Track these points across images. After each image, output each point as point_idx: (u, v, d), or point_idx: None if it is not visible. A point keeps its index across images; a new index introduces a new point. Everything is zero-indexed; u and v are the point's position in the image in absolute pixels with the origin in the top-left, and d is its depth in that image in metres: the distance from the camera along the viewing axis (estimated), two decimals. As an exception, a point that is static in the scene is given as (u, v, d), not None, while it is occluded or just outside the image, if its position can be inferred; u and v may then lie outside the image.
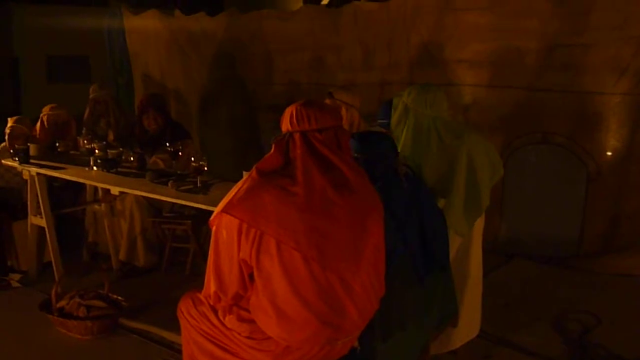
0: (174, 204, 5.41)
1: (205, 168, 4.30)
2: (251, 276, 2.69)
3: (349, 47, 6.55)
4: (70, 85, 13.87)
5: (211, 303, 2.91)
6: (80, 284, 5.15)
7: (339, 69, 6.64)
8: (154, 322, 4.58)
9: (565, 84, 5.62)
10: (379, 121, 4.52)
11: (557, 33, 5.58)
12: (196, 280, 5.33)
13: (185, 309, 3.08)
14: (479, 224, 3.93)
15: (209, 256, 2.80)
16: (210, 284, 2.79)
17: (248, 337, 2.81)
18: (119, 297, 4.62)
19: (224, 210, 2.64)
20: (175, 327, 4.33)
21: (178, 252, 5.71)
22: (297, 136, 2.70)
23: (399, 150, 3.49)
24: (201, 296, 3.02)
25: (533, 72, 5.74)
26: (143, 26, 7.67)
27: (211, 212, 5.01)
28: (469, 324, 3.95)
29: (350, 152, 2.83)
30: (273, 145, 2.74)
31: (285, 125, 2.75)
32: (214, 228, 2.79)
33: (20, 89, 14.16)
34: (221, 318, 2.91)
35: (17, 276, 5.52)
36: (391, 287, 2.95)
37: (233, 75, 7.28)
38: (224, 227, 2.69)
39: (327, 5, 6.88)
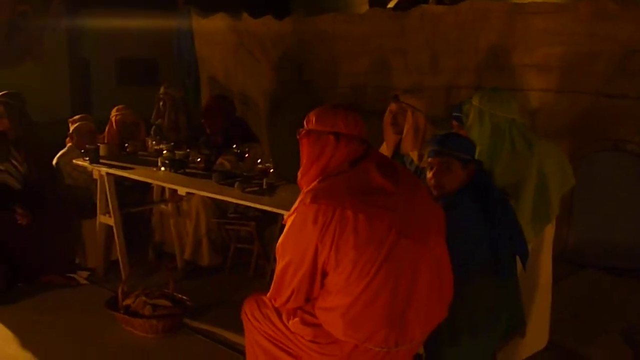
0: (238, 205, 5.46)
1: (271, 170, 4.31)
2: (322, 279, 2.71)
3: (416, 50, 6.49)
4: (139, 87, 14.11)
5: (276, 305, 2.91)
6: (145, 282, 5.22)
7: (405, 73, 6.58)
8: (218, 323, 4.62)
9: (638, 90, 5.46)
10: (454, 115, 4.49)
11: (630, 37, 5.42)
12: (259, 281, 5.44)
13: (249, 311, 3.10)
14: (549, 232, 3.87)
15: (278, 259, 2.81)
16: (281, 286, 2.81)
17: (312, 341, 2.81)
18: (184, 297, 4.67)
19: (305, 200, 2.68)
20: (238, 329, 4.35)
21: (242, 253, 5.73)
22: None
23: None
24: (265, 298, 3.03)
25: (604, 77, 5.58)
26: (211, 29, 7.75)
27: (275, 214, 5.10)
28: (537, 334, 3.89)
29: None
30: None
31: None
32: (284, 232, 2.80)
33: (90, 91, 14.45)
34: (285, 321, 2.91)
35: (84, 274, 5.63)
36: (461, 292, 2.91)
37: (300, 79, 7.29)
38: (296, 226, 2.69)
39: (394, 9, 6.80)
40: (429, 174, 3.30)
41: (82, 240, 5.71)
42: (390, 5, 7.95)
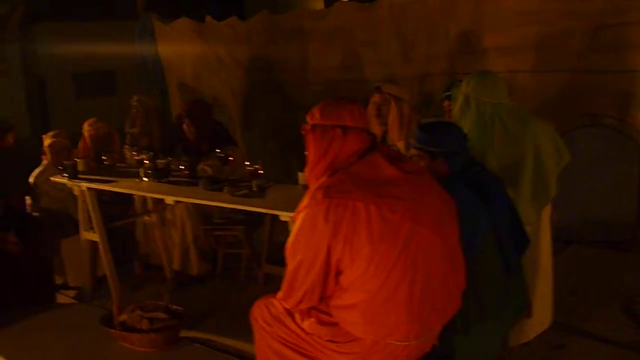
0: (223, 210, 5.39)
1: (261, 171, 4.25)
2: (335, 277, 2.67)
3: (386, 41, 6.47)
4: (98, 99, 14.02)
5: (288, 307, 2.86)
6: (135, 297, 5.14)
7: (377, 64, 6.56)
8: (216, 331, 4.56)
9: (611, 64, 5.49)
10: (446, 94, 4.47)
11: (600, 12, 5.46)
12: (251, 285, 5.38)
13: (259, 316, 3.04)
14: (546, 212, 3.87)
15: (288, 259, 2.76)
16: (293, 287, 2.76)
17: (330, 341, 2.77)
18: (179, 308, 4.58)
19: (316, 195, 2.62)
20: (238, 335, 4.35)
21: (230, 258, 5.67)
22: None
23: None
24: (275, 301, 2.98)
25: (578, 54, 5.62)
26: (175, 34, 7.66)
27: (261, 216, 5.04)
28: (542, 314, 3.89)
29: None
30: None
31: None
32: (293, 230, 2.74)
33: (47, 108, 14.29)
34: (299, 322, 2.86)
35: (71, 293, 5.51)
36: (473, 278, 2.89)
37: (270, 78, 7.24)
38: (307, 224, 2.64)
39: (361, 0, 6.77)
40: None
41: (61, 259, 5.59)
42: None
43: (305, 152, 2.82)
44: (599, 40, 5.48)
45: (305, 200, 2.69)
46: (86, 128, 6.08)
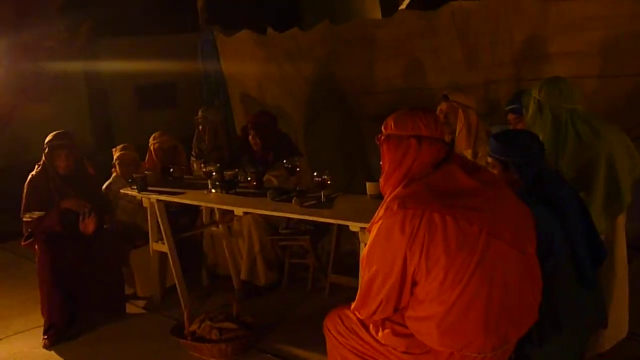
0: (289, 220, 5.42)
1: (329, 182, 4.25)
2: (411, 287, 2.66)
3: (449, 48, 6.42)
4: (159, 111, 14.28)
5: (362, 317, 2.86)
6: (203, 307, 5.20)
7: (440, 72, 6.52)
8: (284, 341, 4.60)
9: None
10: (510, 107, 4.41)
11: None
12: (318, 295, 5.39)
13: (332, 326, 3.05)
14: (621, 221, 3.79)
15: (363, 269, 2.76)
16: (368, 297, 2.75)
17: (405, 352, 2.76)
18: (248, 318, 4.62)
19: (391, 206, 2.63)
20: (305, 344, 4.39)
21: (296, 268, 5.70)
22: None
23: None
24: (349, 312, 2.98)
25: (646, 58, 5.50)
26: (238, 46, 7.71)
27: (327, 226, 5.05)
28: (617, 324, 3.80)
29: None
30: None
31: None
32: (369, 241, 2.74)
33: (111, 120, 14.59)
34: (373, 333, 2.86)
35: (141, 303, 5.61)
36: (549, 291, 2.85)
37: (333, 88, 7.25)
38: (383, 234, 2.64)
39: (424, 8, 6.74)
40: None
41: (131, 270, 5.69)
42: (402, 7, 7.89)
43: (380, 162, 2.82)
44: (669, 43, 5.36)
45: (380, 211, 2.70)
46: (152, 142, 6.18)
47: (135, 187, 5.23)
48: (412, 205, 2.56)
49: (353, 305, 2.88)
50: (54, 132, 5.24)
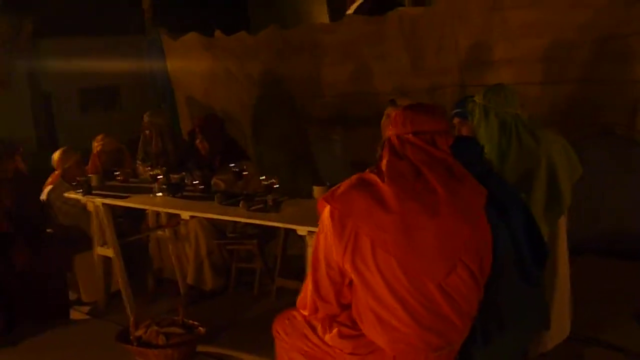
0: (236, 224, 5.41)
1: (276, 186, 4.26)
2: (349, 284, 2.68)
3: (395, 53, 6.49)
4: (102, 114, 14.10)
5: (306, 313, 2.88)
6: (149, 312, 5.15)
7: (387, 77, 6.57)
8: (231, 345, 4.59)
9: (621, 73, 5.50)
10: (455, 111, 4.47)
11: (608, 23, 5.47)
12: (265, 299, 5.38)
13: (281, 329, 3.06)
14: (563, 224, 3.88)
15: (309, 266, 2.79)
16: (308, 293, 2.80)
17: (351, 354, 2.77)
18: (195, 322, 4.59)
19: (324, 198, 2.66)
20: (253, 349, 4.38)
21: (243, 273, 5.68)
22: (393, 139, 2.71)
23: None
24: (297, 314, 2.99)
25: (587, 65, 5.62)
26: (184, 49, 7.69)
27: (275, 230, 5.06)
28: (559, 325, 3.87)
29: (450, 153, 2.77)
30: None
31: (387, 131, 2.77)
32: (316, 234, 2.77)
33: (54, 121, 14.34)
34: (321, 335, 2.87)
35: (85, 308, 5.53)
36: (492, 291, 2.89)
37: (280, 92, 7.25)
38: (326, 225, 2.66)
39: (371, 13, 6.78)
40: None
41: (74, 275, 5.60)
42: (350, 12, 7.92)
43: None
44: (608, 50, 5.48)
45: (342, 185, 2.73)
46: (95, 144, 6.11)
47: (80, 191, 5.15)
48: (349, 218, 2.58)
49: (298, 300, 2.93)
50: None
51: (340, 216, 2.58)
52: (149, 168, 5.16)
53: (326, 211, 2.66)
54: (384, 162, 2.67)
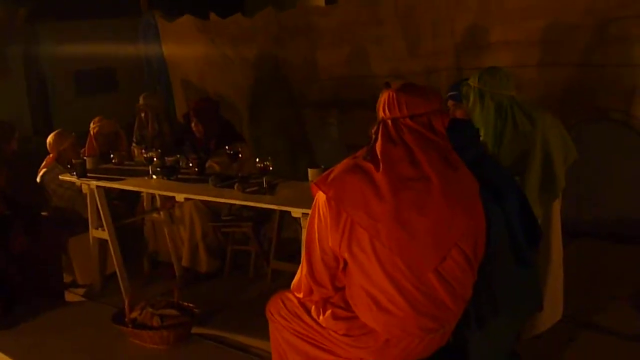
0: (232, 206, 5.40)
1: (271, 168, 4.25)
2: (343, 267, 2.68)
3: (391, 36, 6.47)
4: (99, 97, 14.00)
5: (301, 296, 2.88)
6: (144, 294, 5.15)
7: (383, 60, 6.56)
8: (226, 327, 4.60)
9: (619, 58, 5.49)
10: (450, 94, 4.45)
11: (607, 6, 5.45)
12: (260, 282, 5.39)
13: (275, 310, 3.05)
14: (557, 207, 3.89)
15: (303, 246, 2.78)
16: (302, 277, 2.79)
17: (345, 335, 2.77)
18: (190, 304, 4.59)
19: (316, 183, 2.63)
20: (248, 331, 4.38)
21: (239, 255, 5.68)
22: (388, 123, 2.66)
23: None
24: (291, 295, 2.99)
25: (584, 48, 5.60)
26: (179, 32, 7.65)
27: (270, 213, 5.06)
28: (552, 307, 3.89)
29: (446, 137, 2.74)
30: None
31: (379, 113, 2.72)
32: (309, 216, 2.76)
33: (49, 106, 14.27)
34: (315, 316, 2.87)
35: (80, 291, 5.53)
36: (486, 273, 2.89)
37: (276, 75, 7.24)
38: (320, 210, 2.65)
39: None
40: None
41: (69, 257, 5.60)
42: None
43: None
44: (606, 34, 5.47)
45: (336, 169, 2.72)
46: (92, 126, 6.08)
47: (75, 173, 5.14)
48: (342, 206, 2.57)
49: (292, 283, 2.92)
50: None
51: (336, 204, 2.56)
52: (144, 151, 5.13)
53: (322, 198, 2.63)
54: (379, 148, 2.64)
